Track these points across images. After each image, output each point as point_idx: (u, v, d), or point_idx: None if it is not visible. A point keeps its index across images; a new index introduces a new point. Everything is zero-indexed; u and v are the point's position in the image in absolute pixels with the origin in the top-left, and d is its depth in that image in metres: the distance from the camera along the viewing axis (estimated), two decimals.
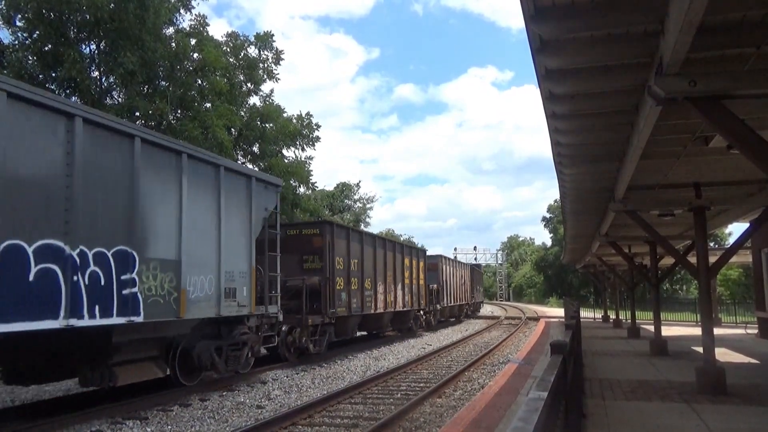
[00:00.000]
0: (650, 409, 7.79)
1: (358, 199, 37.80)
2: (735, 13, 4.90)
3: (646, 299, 32.12)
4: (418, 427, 8.19)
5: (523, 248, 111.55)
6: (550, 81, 6.13)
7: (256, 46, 25.66)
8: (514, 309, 54.99)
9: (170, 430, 8.20)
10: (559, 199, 15.41)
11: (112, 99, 21.76)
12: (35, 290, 6.95)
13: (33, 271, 6.95)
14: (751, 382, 9.85)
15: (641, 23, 5.04)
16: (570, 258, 32.96)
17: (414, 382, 12.16)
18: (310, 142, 27.55)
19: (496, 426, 6.86)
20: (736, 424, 6.96)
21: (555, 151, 9.03)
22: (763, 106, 6.49)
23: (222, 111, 21.76)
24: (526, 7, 4.71)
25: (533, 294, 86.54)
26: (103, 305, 7.83)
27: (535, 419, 1.98)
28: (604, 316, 32.68)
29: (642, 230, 12.13)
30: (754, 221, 10.70)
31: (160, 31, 20.96)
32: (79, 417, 8.43)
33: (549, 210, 76.94)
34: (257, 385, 11.65)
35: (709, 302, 9.85)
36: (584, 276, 54.86)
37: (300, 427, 8.27)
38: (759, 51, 5.33)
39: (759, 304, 19.66)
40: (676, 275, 50.93)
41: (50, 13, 18.81)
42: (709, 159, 8.88)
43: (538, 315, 40.58)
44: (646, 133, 6.73)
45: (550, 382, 2.75)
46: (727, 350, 14.56)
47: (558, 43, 5.42)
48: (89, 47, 20.94)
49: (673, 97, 5.30)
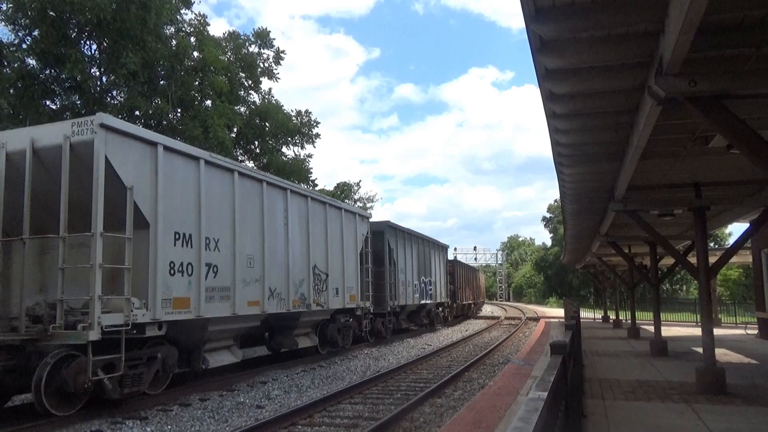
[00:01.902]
0: (650, 409, 7.78)
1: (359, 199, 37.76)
2: (735, 13, 4.89)
3: (646, 299, 32.11)
4: (418, 427, 8.19)
5: (523, 248, 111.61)
6: (550, 81, 6.12)
7: (256, 44, 25.67)
8: (514, 309, 54.98)
9: (170, 430, 8.20)
10: (559, 199, 15.40)
11: (112, 99, 21.76)
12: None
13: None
14: (751, 382, 9.85)
15: (641, 23, 5.03)
16: (570, 258, 32.92)
17: (414, 382, 12.16)
18: (309, 139, 27.57)
19: (496, 426, 6.86)
20: (736, 424, 6.95)
21: (555, 151, 9.02)
22: (763, 106, 6.48)
23: (222, 110, 21.77)
24: (526, 7, 4.71)
25: (533, 294, 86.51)
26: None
27: (535, 419, 1.98)
28: (604, 317, 32.68)
29: (642, 230, 12.12)
30: (754, 221, 10.70)
31: (161, 31, 20.97)
32: (79, 416, 8.43)
33: (549, 210, 76.96)
34: (257, 385, 11.65)
35: (709, 302, 9.85)
36: (584, 276, 54.91)
37: (300, 427, 8.27)
38: (759, 51, 5.32)
39: (759, 305, 19.66)
40: (676, 275, 50.91)
41: (52, 13, 18.81)
42: (709, 159, 8.87)
43: (538, 315, 40.58)
44: (646, 133, 6.73)
45: (550, 382, 2.75)
46: (727, 350, 14.56)
47: (558, 43, 5.41)
48: (91, 47, 20.95)
49: (673, 97, 5.30)
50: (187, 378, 11.67)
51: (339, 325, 16.64)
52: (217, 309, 10.78)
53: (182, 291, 9.89)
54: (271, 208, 12.99)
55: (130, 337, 8.83)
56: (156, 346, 9.75)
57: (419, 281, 24.94)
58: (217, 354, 11.53)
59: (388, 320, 20.98)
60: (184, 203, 10.14)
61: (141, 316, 8.95)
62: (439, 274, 28.94)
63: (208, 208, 10.73)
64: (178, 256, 9.86)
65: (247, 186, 12.17)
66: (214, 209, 10.95)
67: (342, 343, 16.88)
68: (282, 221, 13.50)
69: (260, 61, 25.96)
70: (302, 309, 14.14)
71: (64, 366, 8.11)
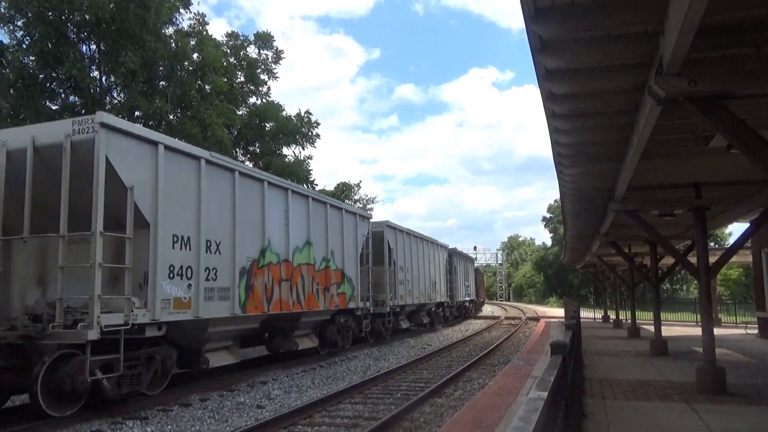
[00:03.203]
0: (650, 408, 7.78)
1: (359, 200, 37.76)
2: (735, 13, 4.89)
3: (646, 299, 32.08)
4: (418, 427, 8.19)
5: (523, 248, 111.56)
6: (550, 81, 6.12)
7: (256, 45, 25.67)
8: (514, 309, 54.97)
9: (170, 430, 8.19)
10: (559, 199, 15.40)
11: (112, 98, 21.75)
12: None
13: None
14: (752, 382, 9.85)
15: (641, 23, 5.03)
16: (570, 258, 32.93)
17: (414, 382, 12.16)
18: (309, 140, 27.56)
19: (496, 426, 6.85)
20: (736, 424, 6.95)
21: (555, 151, 9.03)
22: (763, 106, 6.48)
23: (221, 109, 21.76)
24: (526, 8, 4.71)
25: (533, 294, 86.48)
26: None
27: (535, 419, 1.98)
28: (604, 316, 32.68)
29: (642, 230, 12.13)
30: (754, 221, 10.69)
31: (160, 30, 20.96)
32: (79, 417, 8.42)
33: (549, 210, 76.95)
34: (257, 385, 11.64)
35: (709, 302, 9.85)
36: (584, 276, 54.88)
37: (300, 427, 8.27)
38: (759, 51, 5.33)
39: (759, 304, 19.66)
40: (676, 275, 50.90)
41: (51, 12, 18.81)
42: (709, 159, 8.87)
43: (538, 315, 40.56)
44: (646, 133, 6.73)
45: (550, 382, 2.75)
46: (727, 350, 14.55)
47: (558, 43, 5.41)
48: (89, 47, 20.95)
49: (673, 97, 5.30)
50: (188, 378, 11.67)
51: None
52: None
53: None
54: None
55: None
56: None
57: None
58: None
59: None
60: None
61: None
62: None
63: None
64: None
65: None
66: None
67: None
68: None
69: (260, 62, 25.97)
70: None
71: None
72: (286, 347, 14.41)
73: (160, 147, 9.57)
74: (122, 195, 8.85)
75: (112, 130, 8.76)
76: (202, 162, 10.64)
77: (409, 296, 23.47)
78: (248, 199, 12.09)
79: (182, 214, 10.09)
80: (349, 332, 17.47)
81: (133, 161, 9.05)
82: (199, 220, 10.44)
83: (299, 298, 14.01)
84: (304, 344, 15.08)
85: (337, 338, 16.60)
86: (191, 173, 10.44)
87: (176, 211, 9.92)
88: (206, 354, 11.08)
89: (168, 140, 10.07)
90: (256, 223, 12.36)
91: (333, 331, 16.35)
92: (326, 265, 15.56)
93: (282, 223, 13.42)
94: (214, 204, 10.94)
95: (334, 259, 16.00)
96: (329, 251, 15.73)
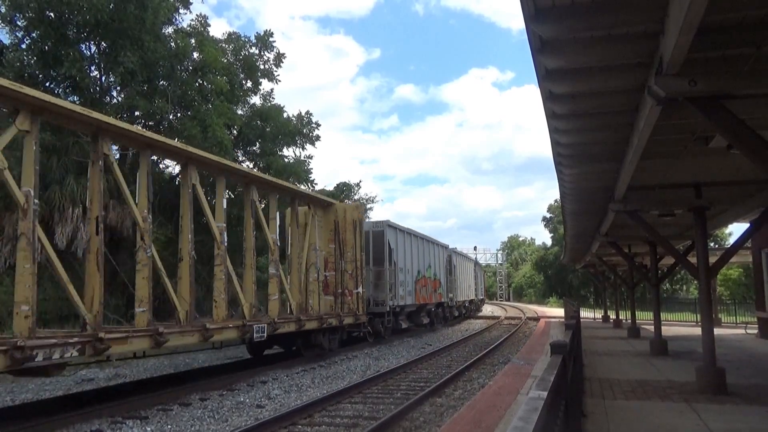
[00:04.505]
0: (650, 408, 7.79)
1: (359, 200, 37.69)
2: (735, 13, 4.89)
3: (646, 299, 32.09)
4: (418, 426, 8.19)
5: (523, 248, 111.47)
6: (550, 81, 6.12)
7: (257, 47, 25.65)
8: (514, 309, 55.01)
9: (170, 430, 8.20)
10: (559, 199, 15.40)
11: (111, 98, 21.75)
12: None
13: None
14: (751, 382, 9.86)
15: (641, 23, 5.03)
16: (570, 258, 32.93)
17: (414, 381, 12.16)
18: (310, 141, 27.57)
19: (497, 425, 6.86)
20: (736, 424, 6.96)
21: (555, 151, 9.02)
22: (763, 106, 6.48)
23: (221, 109, 21.73)
24: (526, 8, 4.71)
25: (533, 294, 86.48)
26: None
27: (535, 419, 1.98)
28: (604, 316, 32.69)
29: (642, 230, 12.13)
30: (754, 221, 10.69)
31: (159, 30, 20.95)
32: (79, 416, 8.44)
33: (549, 210, 76.84)
34: (257, 385, 11.65)
35: (709, 302, 9.85)
36: (584, 276, 54.92)
37: (300, 426, 8.27)
38: (759, 51, 5.33)
39: (759, 304, 19.66)
40: (676, 275, 50.88)
41: (51, 13, 18.81)
42: (709, 159, 8.87)
43: (538, 315, 40.58)
44: (646, 133, 6.72)
45: (550, 382, 2.75)
46: (727, 350, 14.55)
47: (558, 43, 5.41)
48: (89, 47, 20.94)
49: (673, 97, 5.30)
50: (188, 378, 11.67)
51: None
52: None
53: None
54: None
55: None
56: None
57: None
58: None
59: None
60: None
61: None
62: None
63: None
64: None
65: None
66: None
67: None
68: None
69: (260, 63, 25.95)
70: None
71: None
72: (417, 322, 25.13)
73: (404, 232, 23.33)
74: (388, 251, 21.12)
75: (389, 226, 21.86)
76: (410, 234, 24.16)
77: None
78: (413, 245, 24.50)
79: (404, 258, 22.71)
80: (441, 314, 29.00)
81: (392, 236, 21.63)
82: (405, 259, 22.67)
83: (427, 295, 25.99)
84: (425, 321, 26.11)
85: (438, 319, 27.38)
86: (407, 238, 23.74)
87: (401, 256, 22.52)
88: (400, 320, 22.43)
89: (400, 226, 23.11)
90: (417, 257, 24.90)
91: (436, 314, 27.86)
92: (435, 277, 27.53)
93: (424, 256, 25.59)
94: (408, 251, 23.68)
95: (435, 273, 27.80)
96: (434, 268, 27.53)
